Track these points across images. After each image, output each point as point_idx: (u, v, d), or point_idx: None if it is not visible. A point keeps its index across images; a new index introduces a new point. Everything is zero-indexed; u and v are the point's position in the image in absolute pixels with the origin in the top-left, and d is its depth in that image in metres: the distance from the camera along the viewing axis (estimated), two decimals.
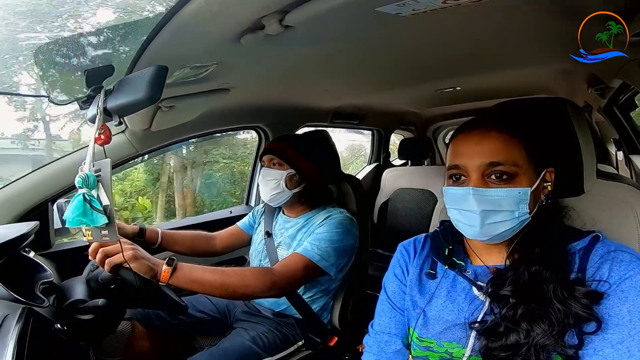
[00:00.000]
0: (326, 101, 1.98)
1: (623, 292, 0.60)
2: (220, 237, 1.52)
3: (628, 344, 0.57)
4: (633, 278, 0.60)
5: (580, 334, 0.60)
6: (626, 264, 0.61)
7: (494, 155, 0.67)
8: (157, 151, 1.58)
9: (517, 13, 0.78)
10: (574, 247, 0.67)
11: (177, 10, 0.58)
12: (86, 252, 1.30)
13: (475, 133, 0.70)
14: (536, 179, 0.69)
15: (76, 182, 0.63)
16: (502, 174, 0.66)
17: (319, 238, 1.19)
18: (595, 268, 0.63)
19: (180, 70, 0.85)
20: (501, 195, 0.66)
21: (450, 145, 0.75)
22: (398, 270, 0.84)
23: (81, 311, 0.91)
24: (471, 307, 0.71)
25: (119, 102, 0.64)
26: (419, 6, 0.63)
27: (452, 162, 0.71)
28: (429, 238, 0.85)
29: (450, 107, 2.74)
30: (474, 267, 0.75)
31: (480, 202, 0.67)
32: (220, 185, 4.27)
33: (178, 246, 1.41)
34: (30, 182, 1.27)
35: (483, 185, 0.67)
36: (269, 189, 1.30)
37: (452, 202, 0.72)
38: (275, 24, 0.65)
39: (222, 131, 1.87)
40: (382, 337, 0.81)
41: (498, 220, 0.67)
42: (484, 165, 0.67)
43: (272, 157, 1.32)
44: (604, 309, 0.60)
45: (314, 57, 1.03)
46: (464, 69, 1.42)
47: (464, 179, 0.70)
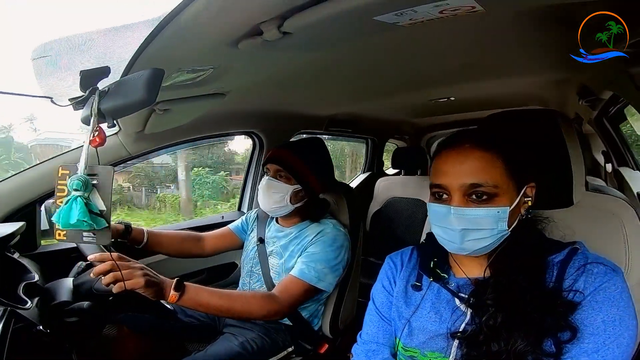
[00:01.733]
0: (322, 108, 1.99)
1: (597, 303, 0.63)
2: (209, 239, 1.47)
3: (603, 353, 0.60)
4: (607, 289, 0.63)
5: (557, 343, 0.63)
6: (601, 276, 0.64)
7: (475, 176, 0.68)
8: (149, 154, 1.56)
9: (512, 24, 0.80)
10: (553, 259, 0.70)
11: (176, 14, 0.58)
12: (73, 254, 1.28)
13: (457, 151, 0.71)
14: (516, 195, 0.71)
15: (68, 184, 0.62)
16: (482, 194, 0.68)
17: (315, 259, 1.19)
18: (572, 279, 0.66)
19: (177, 74, 0.84)
20: (480, 215, 0.68)
21: (433, 161, 0.76)
22: (386, 281, 0.86)
23: (66, 313, 0.89)
24: (453, 317, 0.73)
25: (114, 104, 0.64)
26: (416, 16, 0.64)
27: (435, 182, 0.73)
28: (415, 250, 0.88)
29: (444, 117, 2.77)
30: (456, 279, 0.77)
31: (460, 220, 0.69)
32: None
33: (165, 247, 1.37)
34: (18, 182, 1.25)
35: (463, 205, 0.69)
36: (272, 201, 1.27)
37: (434, 218, 0.74)
38: (274, 30, 0.65)
39: (217, 136, 1.85)
40: (370, 346, 0.83)
41: (477, 237, 0.69)
42: (465, 186, 0.69)
43: (279, 168, 1.27)
44: (580, 318, 0.63)
45: (311, 64, 1.03)
46: (458, 79, 1.44)
47: (445, 197, 0.72)
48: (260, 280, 1.34)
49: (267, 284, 1.32)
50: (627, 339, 0.61)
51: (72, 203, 0.61)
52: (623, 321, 0.61)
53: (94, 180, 0.64)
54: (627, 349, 0.61)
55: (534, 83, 1.65)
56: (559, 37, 0.86)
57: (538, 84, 1.68)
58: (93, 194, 0.64)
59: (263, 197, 1.29)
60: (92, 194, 0.64)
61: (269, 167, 1.31)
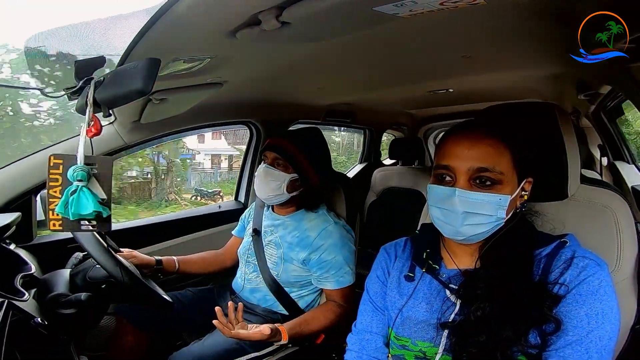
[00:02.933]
0: (319, 99, 1.98)
1: (581, 296, 0.64)
2: (227, 251, 1.56)
3: (586, 345, 0.62)
4: (590, 283, 0.65)
5: (542, 335, 0.65)
6: (585, 269, 0.66)
7: (484, 160, 0.70)
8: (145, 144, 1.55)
9: (511, 16, 0.79)
10: (540, 252, 0.72)
11: (173, 3, 0.57)
12: (70, 244, 1.28)
13: (469, 136, 0.73)
14: (516, 187, 0.73)
15: (70, 175, 0.62)
16: (486, 180, 0.70)
17: (337, 264, 1.25)
18: (557, 272, 0.68)
19: (174, 63, 0.83)
20: (483, 200, 0.70)
21: (441, 144, 0.77)
22: (380, 272, 0.88)
23: (63, 305, 0.89)
24: (443, 308, 0.75)
25: (110, 94, 0.63)
26: (416, 7, 0.64)
27: (442, 162, 0.74)
28: (409, 241, 0.89)
29: (442, 109, 2.77)
30: (447, 270, 0.79)
31: (464, 203, 0.70)
32: None
33: (195, 269, 1.46)
34: (13, 172, 1.23)
35: (468, 188, 0.70)
36: (269, 189, 1.28)
37: (435, 200, 0.74)
38: (272, 19, 0.65)
39: (213, 125, 1.84)
40: (364, 335, 0.85)
41: (476, 222, 0.71)
42: (473, 170, 0.70)
43: (277, 156, 1.28)
44: (564, 311, 0.65)
45: (309, 54, 1.02)
46: (457, 71, 1.43)
47: (449, 180, 0.73)
48: (257, 270, 1.35)
49: (263, 273, 1.33)
50: (610, 331, 0.63)
51: (79, 193, 0.62)
52: (606, 314, 0.63)
53: (93, 170, 0.65)
54: (610, 342, 0.63)
55: (533, 76, 1.65)
56: (558, 31, 0.85)
57: (537, 78, 1.68)
58: (92, 183, 0.65)
59: (260, 185, 1.30)
60: (92, 184, 0.64)
61: (266, 155, 1.31)
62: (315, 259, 1.26)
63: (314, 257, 1.26)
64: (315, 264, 1.26)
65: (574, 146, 0.86)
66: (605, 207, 0.83)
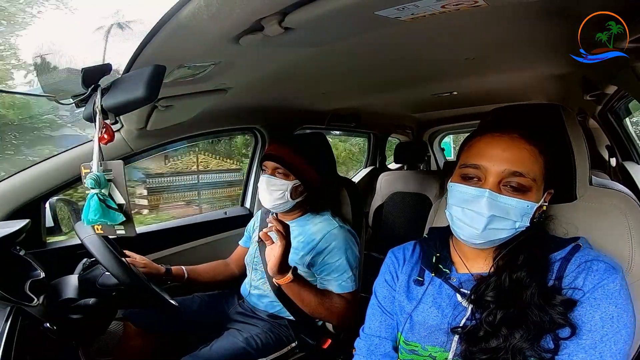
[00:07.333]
0: (323, 104, 1.98)
1: (595, 300, 0.63)
2: (234, 261, 1.56)
3: (600, 349, 0.60)
4: (605, 287, 0.63)
5: (556, 339, 0.63)
6: (600, 273, 0.64)
7: (519, 165, 0.68)
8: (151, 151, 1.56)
9: (514, 18, 0.79)
10: (555, 256, 0.70)
11: (177, 11, 0.58)
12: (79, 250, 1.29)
13: (505, 137, 0.70)
14: (542, 196, 0.71)
15: (87, 183, 0.64)
16: (517, 184, 0.68)
17: (340, 268, 1.24)
18: (572, 277, 0.66)
19: (178, 70, 0.84)
20: (512, 205, 0.68)
21: (470, 142, 0.75)
22: (388, 276, 0.86)
23: (72, 310, 0.90)
24: (454, 312, 0.73)
25: (116, 101, 0.64)
26: (418, 10, 0.64)
27: (472, 162, 0.71)
28: (417, 245, 0.87)
29: (447, 112, 2.76)
30: (459, 274, 0.77)
31: (492, 206, 0.68)
32: None
33: (203, 279, 1.45)
34: (23, 179, 1.25)
35: (497, 191, 0.68)
36: (273, 199, 1.28)
37: (459, 200, 0.72)
38: (275, 25, 0.65)
39: (219, 132, 1.86)
40: (372, 340, 0.83)
41: (499, 227, 0.69)
42: (506, 173, 0.68)
43: (277, 165, 1.27)
44: (578, 315, 0.63)
45: (312, 59, 1.03)
46: (461, 74, 1.43)
47: (476, 181, 0.70)
48: (264, 277, 1.35)
49: (269, 279, 1.32)
50: (625, 336, 0.61)
51: (89, 201, 0.63)
52: (621, 318, 0.61)
53: (109, 176, 0.66)
54: (625, 346, 0.61)
55: (537, 78, 1.64)
56: (561, 32, 0.85)
57: (541, 79, 1.67)
58: (111, 189, 0.65)
59: (263, 195, 1.30)
60: (111, 189, 0.65)
61: (266, 165, 1.30)
62: (318, 261, 1.25)
63: (318, 259, 1.25)
64: (319, 266, 1.25)
65: (582, 147, 0.85)
66: (616, 208, 0.81)
